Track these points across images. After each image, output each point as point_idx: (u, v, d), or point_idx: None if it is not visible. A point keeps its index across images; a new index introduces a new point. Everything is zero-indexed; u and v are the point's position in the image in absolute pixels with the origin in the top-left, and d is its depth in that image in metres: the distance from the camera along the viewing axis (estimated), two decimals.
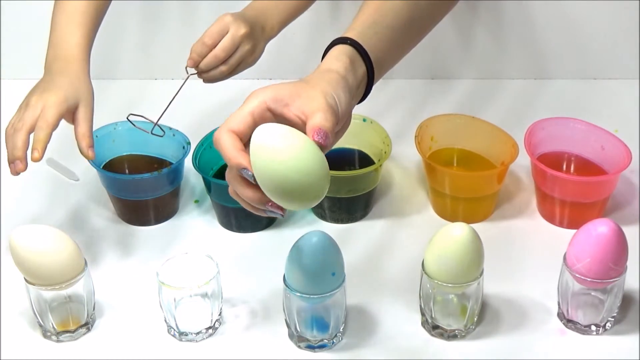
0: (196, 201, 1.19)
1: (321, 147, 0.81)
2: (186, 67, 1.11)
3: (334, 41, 0.92)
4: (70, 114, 1.03)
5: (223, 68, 1.10)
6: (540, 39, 1.42)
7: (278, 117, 0.84)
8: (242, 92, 1.05)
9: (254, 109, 0.83)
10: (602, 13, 1.39)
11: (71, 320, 0.99)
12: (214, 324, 0.99)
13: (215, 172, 1.15)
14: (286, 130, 0.79)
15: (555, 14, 1.39)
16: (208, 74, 1.11)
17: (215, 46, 1.09)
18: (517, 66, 1.44)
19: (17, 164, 1.00)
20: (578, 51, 1.42)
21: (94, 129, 1.17)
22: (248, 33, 1.09)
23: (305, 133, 0.81)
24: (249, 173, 0.81)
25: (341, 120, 0.86)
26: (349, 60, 0.90)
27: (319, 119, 0.82)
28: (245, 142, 0.82)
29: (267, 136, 0.78)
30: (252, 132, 0.81)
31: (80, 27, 1.09)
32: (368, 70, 0.91)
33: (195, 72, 1.11)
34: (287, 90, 0.85)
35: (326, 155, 1.18)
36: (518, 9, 1.39)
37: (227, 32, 1.09)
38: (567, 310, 0.99)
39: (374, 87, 1.43)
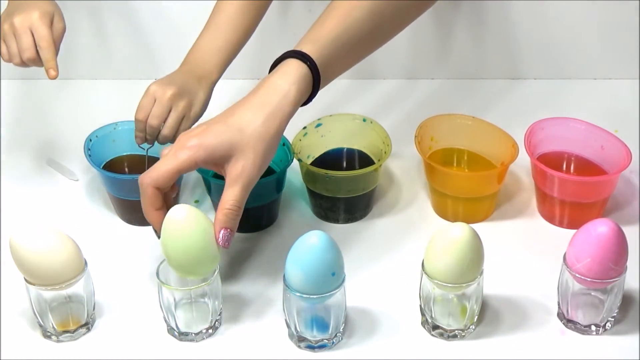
0: (196, 201, 1.19)
1: (223, 247, 0.93)
2: (139, 145, 1.14)
3: (293, 52, 0.95)
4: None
5: (165, 132, 1.11)
6: (540, 39, 1.42)
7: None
8: (242, 91, 1.05)
9: (182, 169, 0.92)
10: (602, 13, 1.39)
11: (71, 320, 0.98)
12: (214, 324, 0.99)
13: (215, 172, 1.15)
14: (190, 222, 0.92)
15: (555, 14, 1.39)
16: (160, 139, 1.12)
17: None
18: (517, 66, 1.44)
19: (50, 72, 1.07)
20: (578, 51, 1.42)
21: (94, 129, 1.17)
22: (176, 93, 1.10)
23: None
24: (155, 232, 0.95)
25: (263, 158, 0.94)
26: (304, 87, 0.95)
27: (224, 217, 0.92)
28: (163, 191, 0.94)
29: (174, 222, 0.92)
30: (172, 183, 0.93)
31: None
32: (314, 89, 0.97)
33: (150, 145, 1.14)
34: (221, 148, 0.92)
35: (326, 155, 1.20)
36: (518, 9, 1.39)
37: (154, 101, 1.10)
38: (567, 310, 0.99)
39: (374, 88, 1.44)
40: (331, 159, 1.18)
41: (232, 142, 0.92)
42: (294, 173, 1.18)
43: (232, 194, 0.92)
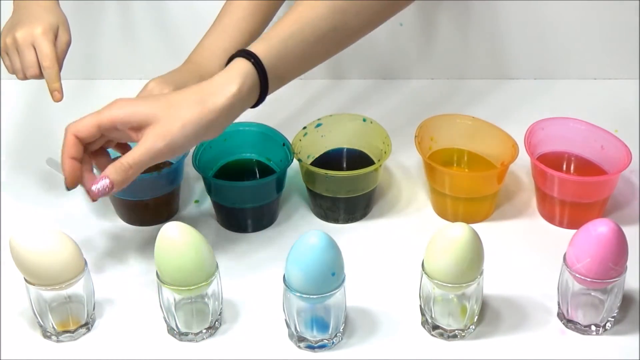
0: (196, 201, 1.19)
1: (94, 194, 0.94)
2: None
3: (241, 52, 0.97)
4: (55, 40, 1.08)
5: None
6: (540, 38, 1.42)
7: (120, 133, 0.95)
8: None
9: (101, 123, 0.94)
10: (602, 13, 1.39)
11: (71, 320, 0.98)
12: (214, 324, 0.99)
13: (215, 172, 1.15)
14: (183, 240, 0.93)
15: (555, 14, 1.39)
16: None
17: None
18: (517, 66, 1.44)
19: (55, 95, 1.09)
20: (578, 51, 1.42)
21: None
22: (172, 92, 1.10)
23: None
24: (66, 184, 0.96)
25: (185, 148, 0.95)
26: (246, 85, 0.96)
27: (112, 168, 0.93)
28: (86, 144, 0.96)
29: (167, 240, 0.93)
30: (94, 138, 0.95)
31: None
32: (262, 88, 0.97)
33: None
34: (143, 112, 0.94)
35: (326, 155, 1.20)
36: (520, 8, 1.39)
37: None
38: (567, 310, 0.99)
39: (373, 88, 1.44)
40: (331, 159, 1.18)
41: (154, 113, 0.93)
42: (294, 173, 1.18)
43: (132, 153, 0.93)
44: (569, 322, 0.99)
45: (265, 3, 1.16)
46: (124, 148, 1.01)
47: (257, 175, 1.17)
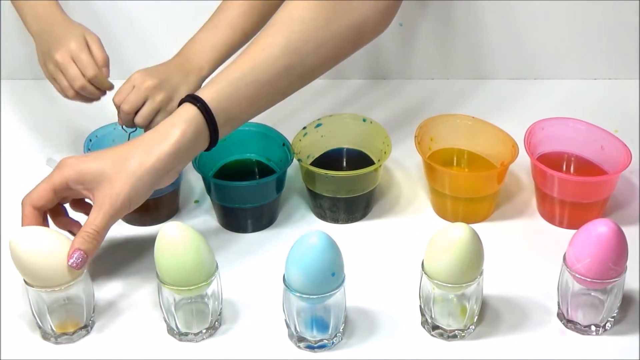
0: (196, 201, 1.19)
1: (73, 267, 0.94)
2: (121, 126, 1.15)
3: (188, 97, 0.99)
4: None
5: (137, 120, 1.12)
6: (540, 38, 1.42)
7: (77, 195, 0.98)
8: None
9: (56, 187, 0.96)
10: (602, 13, 1.39)
11: (70, 322, 0.98)
12: (214, 324, 0.99)
13: (215, 172, 1.15)
14: (183, 240, 0.93)
15: (555, 14, 1.39)
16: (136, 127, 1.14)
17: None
18: (517, 66, 1.44)
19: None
20: (578, 51, 1.42)
21: (94, 129, 1.17)
22: (156, 84, 1.11)
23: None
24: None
25: (140, 201, 0.97)
26: (191, 129, 0.98)
27: (80, 239, 0.94)
28: (46, 210, 0.98)
29: (167, 240, 0.93)
30: (52, 204, 0.97)
31: None
32: (212, 132, 0.99)
33: (132, 130, 1.15)
34: (92, 173, 0.96)
35: (326, 155, 1.20)
36: (520, 8, 1.39)
37: (133, 87, 1.12)
38: (567, 311, 0.99)
39: (373, 88, 1.44)
40: (331, 159, 1.18)
41: (103, 170, 0.95)
42: (294, 173, 1.18)
43: (93, 219, 0.95)
44: (568, 322, 0.99)
45: (260, 3, 1.16)
46: (81, 205, 1.02)
47: (257, 175, 1.17)
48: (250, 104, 1.02)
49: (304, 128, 1.17)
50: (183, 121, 0.97)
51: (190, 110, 0.98)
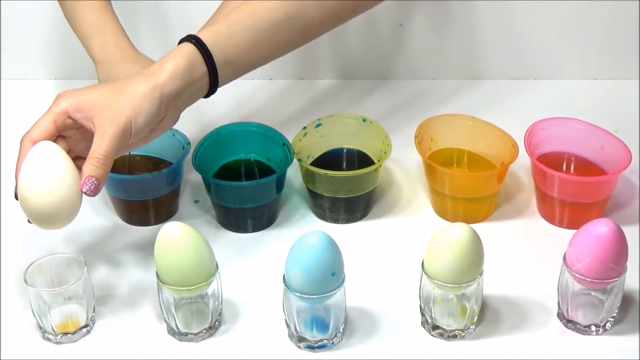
0: (196, 201, 1.19)
1: (88, 195, 0.91)
2: None
3: (185, 37, 0.98)
4: None
5: None
6: (540, 38, 1.42)
7: (78, 125, 0.95)
8: (241, 92, 1.05)
9: (56, 118, 0.94)
10: (602, 13, 1.39)
11: (71, 321, 0.98)
12: (214, 324, 0.99)
13: (215, 172, 1.15)
14: (183, 240, 0.92)
15: (555, 14, 1.39)
16: None
17: None
18: (517, 66, 1.44)
19: None
20: (578, 51, 1.42)
21: None
22: None
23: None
24: (15, 192, 0.94)
25: (140, 133, 0.95)
26: (185, 61, 0.96)
27: (91, 165, 0.91)
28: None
29: (167, 240, 0.92)
30: (52, 137, 0.94)
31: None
32: (210, 70, 0.97)
33: None
34: (90, 101, 0.93)
35: (326, 155, 1.19)
36: (520, 8, 1.39)
37: None
38: (567, 311, 0.99)
39: (373, 87, 1.44)
40: (331, 159, 1.18)
41: (102, 97, 0.94)
42: (294, 173, 1.18)
43: (99, 145, 0.92)
44: (569, 322, 0.99)
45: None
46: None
47: (257, 175, 1.17)
48: (250, 49, 1.00)
49: (304, 128, 1.17)
50: (178, 55, 0.97)
51: (185, 46, 0.97)
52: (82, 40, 1.13)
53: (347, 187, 1.11)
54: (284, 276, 0.94)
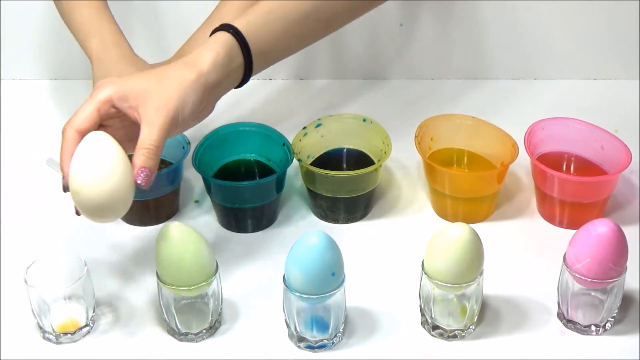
0: (196, 201, 1.19)
1: (141, 186, 0.89)
2: None
3: (220, 26, 0.97)
4: None
5: None
6: (540, 38, 1.42)
7: (120, 114, 0.92)
8: (241, 92, 1.05)
9: (100, 106, 0.91)
10: (602, 13, 1.39)
11: (71, 321, 0.98)
12: (214, 324, 0.99)
13: (215, 172, 1.15)
14: (182, 240, 0.92)
15: (555, 13, 1.39)
16: None
17: None
18: (517, 66, 1.44)
19: None
20: (578, 51, 1.42)
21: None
22: None
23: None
24: (63, 184, 0.91)
25: (185, 122, 0.93)
26: (224, 50, 0.95)
27: (142, 157, 0.89)
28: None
29: (166, 240, 0.92)
30: (95, 127, 0.91)
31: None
32: (246, 60, 0.96)
33: None
34: (134, 89, 0.91)
35: (326, 155, 1.19)
36: (520, 8, 1.39)
37: None
38: (567, 311, 0.99)
39: (373, 87, 1.44)
40: (331, 159, 1.18)
41: (147, 86, 0.92)
42: (294, 173, 1.18)
43: (148, 135, 0.90)
44: (569, 322, 0.99)
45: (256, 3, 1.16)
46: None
47: (257, 175, 1.17)
48: (280, 40, 1.00)
49: (304, 128, 1.17)
50: (217, 44, 0.95)
51: (222, 36, 0.96)
52: (80, 39, 1.13)
53: (347, 187, 1.11)
54: (284, 276, 0.94)
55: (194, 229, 0.94)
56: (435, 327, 0.98)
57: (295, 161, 1.12)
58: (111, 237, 1.13)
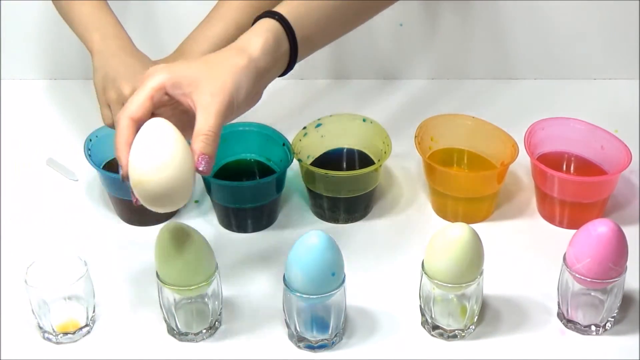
0: (196, 201, 1.19)
1: (202, 173, 0.87)
2: None
3: (263, 13, 0.95)
4: None
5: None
6: (540, 38, 1.42)
7: (175, 101, 0.89)
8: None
9: (153, 94, 0.88)
10: (602, 13, 1.39)
11: (71, 321, 0.98)
12: (214, 324, 0.99)
13: (215, 172, 1.15)
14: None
15: (555, 13, 1.39)
16: None
17: None
18: (516, 66, 1.44)
19: None
20: (578, 51, 1.42)
21: (94, 130, 1.17)
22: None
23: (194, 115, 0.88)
24: (121, 171, 0.88)
25: (240, 108, 0.91)
26: (272, 36, 0.93)
27: (202, 143, 0.87)
28: (140, 125, 0.88)
29: (165, 240, 0.92)
30: (149, 116, 0.88)
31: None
32: (291, 47, 0.94)
33: None
34: (187, 75, 0.89)
35: (326, 155, 1.19)
36: (520, 8, 1.39)
37: None
38: (567, 311, 0.99)
39: (373, 87, 1.44)
40: (331, 159, 1.18)
41: (200, 73, 0.89)
42: (294, 173, 1.18)
43: (205, 121, 0.87)
44: (569, 322, 0.99)
45: (257, 3, 1.16)
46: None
47: (257, 175, 1.17)
48: (324, 26, 0.99)
49: (304, 128, 1.17)
50: (264, 30, 0.93)
51: (268, 22, 0.94)
52: (80, 33, 1.12)
53: (347, 187, 1.11)
54: (284, 276, 0.94)
55: (194, 229, 0.94)
56: (435, 327, 0.98)
57: (295, 161, 1.12)
58: (111, 237, 1.13)
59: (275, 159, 1.16)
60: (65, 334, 0.98)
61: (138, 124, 0.88)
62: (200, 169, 0.87)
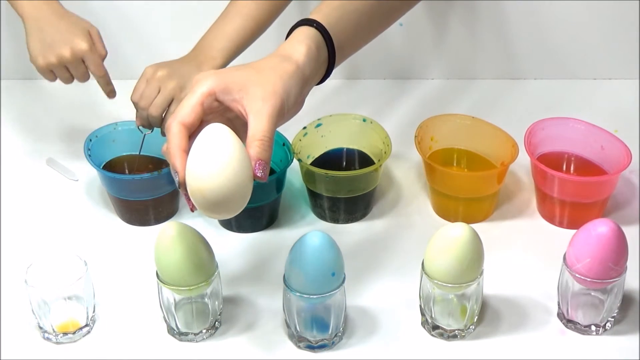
0: None
1: (260, 179, 0.85)
2: (138, 128, 1.15)
3: (300, 21, 0.94)
4: None
5: (151, 111, 1.11)
6: (540, 39, 1.42)
7: (224, 107, 0.88)
8: None
9: (203, 99, 0.87)
10: (602, 13, 1.39)
11: (71, 321, 0.98)
12: (214, 324, 0.99)
13: None
14: (183, 239, 0.92)
15: (555, 13, 1.39)
16: (150, 120, 1.13)
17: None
18: (516, 66, 1.44)
19: (111, 95, 1.18)
20: (578, 51, 1.42)
21: (94, 130, 1.17)
22: (165, 74, 1.11)
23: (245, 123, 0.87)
24: (177, 177, 0.86)
25: (288, 114, 0.90)
26: (314, 45, 0.92)
27: (258, 148, 0.85)
28: (192, 132, 0.86)
29: (166, 239, 0.92)
30: (199, 122, 0.87)
31: None
32: (330, 55, 0.94)
33: (149, 130, 1.15)
34: (237, 81, 0.87)
35: (327, 155, 1.19)
36: (520, 8, 1.39)
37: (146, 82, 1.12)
38: (567, 310, 0.99)
39: (374, 87, 1.44)
40: (331, 159, 1.18)
41: (249, 79, 0.88)
42: (294, 173, 1.18)
43: (259, 126, 0.85)
44: (569, 322, 0.99)
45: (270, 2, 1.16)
46: None
47: None
48: (354, 33, 0.98)
49: (304, 128, 1.17)
50: (305, 37, 0.92)
51: (307, 30, 0.93)
52: (11, 1, 1.16)
53: (347, 187, 1.11)
54: (284, 276, 0.94)
55: (194, 229, 0.94)
56: (435, 327, 0.98)
57: (295, 161, 1.12)
58: (111, 237, 1.13)
59: (275, 158, 1.16)
60: (65, 334, 0.98)
61: (189, 130, 0.86)
62: (259, 174, 0.86)
